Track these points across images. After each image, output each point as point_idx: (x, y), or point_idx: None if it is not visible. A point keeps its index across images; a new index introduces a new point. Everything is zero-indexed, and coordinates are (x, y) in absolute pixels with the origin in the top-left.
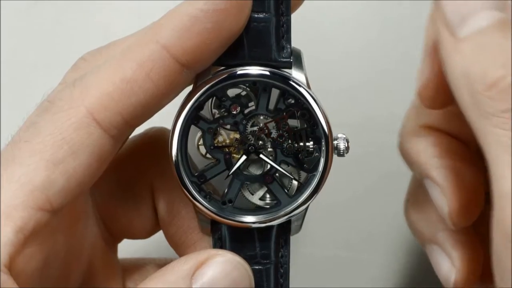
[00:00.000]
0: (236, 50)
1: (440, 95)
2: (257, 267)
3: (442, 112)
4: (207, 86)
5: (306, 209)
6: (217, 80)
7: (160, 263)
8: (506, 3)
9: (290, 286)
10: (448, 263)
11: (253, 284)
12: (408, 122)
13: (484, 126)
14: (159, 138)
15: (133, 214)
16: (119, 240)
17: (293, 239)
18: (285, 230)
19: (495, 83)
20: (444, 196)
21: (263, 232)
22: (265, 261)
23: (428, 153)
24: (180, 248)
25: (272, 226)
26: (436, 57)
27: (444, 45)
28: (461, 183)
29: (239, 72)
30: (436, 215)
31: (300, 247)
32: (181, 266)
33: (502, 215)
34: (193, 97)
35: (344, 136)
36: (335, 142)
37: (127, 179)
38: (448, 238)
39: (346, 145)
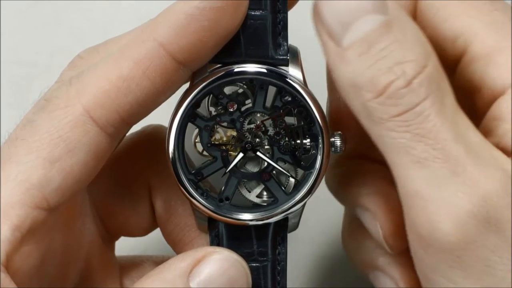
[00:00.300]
0: (233, 47)
1: (348, 123)
2: (254, 265)
3: (355, 139)
4: (204, 84)
5: (303, 206)
6: (214, 77)
7: (157, 261)
8: (387, 4)
9: (288, 284)
10: (394, 286)
11: (250, 282)
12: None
13: (380, 132)
14: (157, 135)
15: (130, 212)
16: (117, 238)
17: (290, 236)
18: (282, 227)
19: (383, 90)
20: (376, 221)
21: (260, 230)
22: (262, 259)
23: (354, 182)
24: (177, 245)
25: (269, 224)
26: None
27: (330, 56)
28: (390, 205)
29: (236, 70)
30: (373, 242)
31: (298, 245)
32: (178, 264)
33: (414, 217)
34: (190, 94)
35: (340, 132)
36: (331, 139)
37: (124, 177)
38: (388, 262)
39: (343, 142)
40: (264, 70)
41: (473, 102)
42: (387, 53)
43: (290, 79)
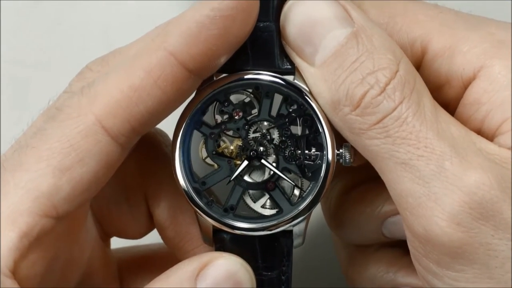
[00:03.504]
0: (241, 58)
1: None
2: (258, 278)
3: (352, 169)
4: (210, 91)
5: (308, 220)
6: (220, 84)
7: (154, 248)
8: (351, 15)
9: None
10: None
11: (255, 285)
12: (328, 199)
13: (363, 142)
14: (153, 140)
15: (127, 217)
16: (112, 236)
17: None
18: (288, 241)
19: (359, 101)
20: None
21: (265, 243)
22: (267, 273)
23: (369, 201)
24: (178, 252)
25: (274, 237)
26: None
27: (307, 77)
28: None
29: (243, 77)
30: (385, 263)
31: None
32: (186, 267)
33: (405, 215)
34: (197, 102)
35: (351, 144)
36: (341, 150)
37: (120, 183)
38: (407, 274)
39: (352, 153)
40: (272, 78)
41: (442, 98)
42: (358, 65)
43: (297, 87)
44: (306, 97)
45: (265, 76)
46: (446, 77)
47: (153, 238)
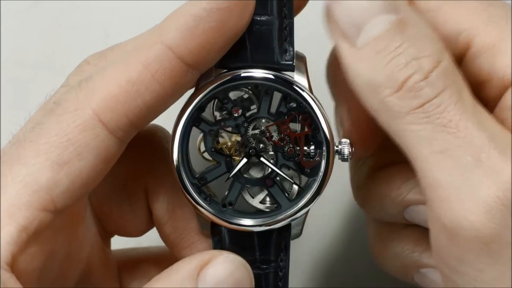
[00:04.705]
0: (239, 52)
1: (368, 133)
2: (256, 272)
3: (381, 149)
4: (209, 88)
5: (307, 213)
6: (219, 81)
7: (154, 251)
8: (398, 3)
9: (289, 286)
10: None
11: (253, 285)
12: (356, 176)
13: (400, 127)
14: (152, 136)
15: (127, 214)
16: (113, 235)
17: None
18: (285, 234)
19: (402, 84)
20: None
21: (263, 236)
22: (265, 266)
23: (395, 186)
24: (176, 248)
25: (272, 230)
26: (351, 97)
27: (345, 57)
28: None
29: (243, 75)
30: (410, 243)
31: (300, 247)
32: (186, 266)
33: (437, 208)
34: (195, 98)
35: (349, 141)
36: (339, 147)
37: (120, 179)
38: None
39: (351, 150)
40: (271, 76)
41: (482, 94)
42: (402, 50)
43: (296, 85)
44: (305, 95)
45: (265, 75)
46: (487, 75)
47: (153, 238)
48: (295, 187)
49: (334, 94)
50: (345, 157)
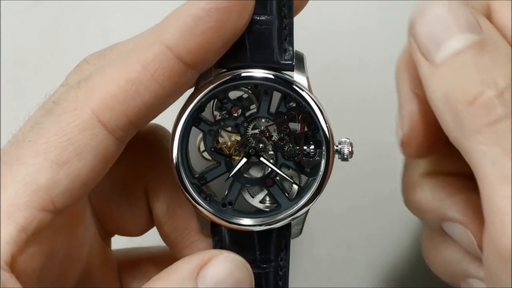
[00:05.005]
0: (239, 52)
1: (426, 140)
2: (256, 271)
3: (436, 156)
4: (209, 88)
5: (307, 213)
6: (219, 81)
7: (154, 251)
8: (480, 23)
9: (290, 286)
10: None
11: (253, 284)
12: (407, 177)
13: (471, 145)
14: (152, 135)
15: (127, 214)
16: (113, 235)
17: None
18: (285, 233)
19: (474, 100)
20: (467, 230)
21: (263, 236)
22: (265, 265)
23: (437, 197)
24: (176, 247)
25: (272, 230)
26: (416, 100)
27: (424, 74)
28: (479, 213)
29: (243, 75)
30: (460, 252)
31: (300, 247)
32: (185, 266)
33: (494, 232)
34: (195, 98)
35: (348, 140)
36: (339, 146)
37: (120, 179)
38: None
39: (350, 149)
40: (271, 76)
41: None
42: (479, 68)
43: (296, 85)
44: (305, 95)
45: (265, 75)
46: None
47: (153, 239)
48: (295, 186)
49: (399, 94)
50: (345, 156)
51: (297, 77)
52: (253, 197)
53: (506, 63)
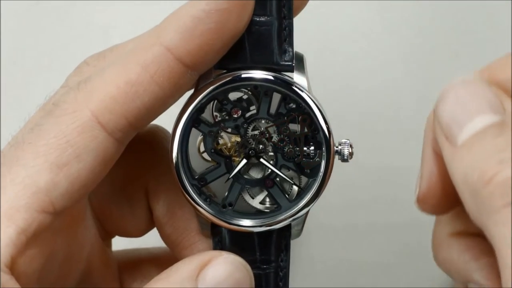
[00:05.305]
0: (238, 53)
1: (442, 200)
2: (256, 272)
3: (464, 216)
4: (209, 89)
5: (307, 213)
6: (219, 83)
7: (155, 252)
8: (504, 104)
9: (290, 287)
10: None
11: (253, 285)
12: (436, 235)
13: (489, 225)
14: (153, 136)
15: (128, 215)
16: (113, 236)
17: (293, 240)
18: (286, 234)
19: (491, 179)
20: None
21: (264, 237)
22: (265, 266)
23: (463, 260)
24: (176, 248)
25: (272, 231)
26: (436, 162)
27: (446, 155)
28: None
29: (243, 76)
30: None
31: (300, 249)
32: (186, 267)
33: None
34: (195, 99)
35: (348, 141)
36: (339, 147)
37: (120, 180)
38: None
39: (350, 151)
40: (271, 77)
41: None
42: (497, 149)
43: (295, 86)
44: (305, 96)
45: (265, 76)
46: None
47: (153, 239)
48: (295, 187)
49: (423, 151)
50: (345, 157)
51: (297, 78)
52: (253, 198)
53: None
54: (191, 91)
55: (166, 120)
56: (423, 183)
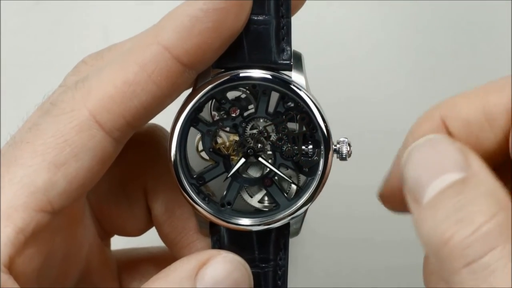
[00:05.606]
0: (236, 52)
1: (401, 204)
2: (255, 271)
3: None
4: (207, 88)
5: (305, 212)
6: (217, 82)
7: (153, 251)
8: (469, 161)
9: (289, 285)
10: None
11: (252, 284)
12: (423, 270)
13: (452, 282)
14: (151, 135)
15: (127, 214)
16: (112, 235)
17: (292, 239)
18: (284, 233)
19: (448, 240)
20: None
21: (262, 235)
22: (264, 265)
23: None
24: (175, 247)
25: (271, 229)
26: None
27: (413, 216)
28: None
29: (241, 75)
30: None
31: (298, 247)
32: (184, 266)
33: None
34: (193, 99)
35: (347, 140)
36: (337, 145)
37: (119, 179)
38: None
39: (349, 149)
40: (269, 76)
41: None
42: (457, 207)
43: (294, 85)
44: (303, 95)
45: (263, 75)
46: None
47: (152, 239)
48: (294, 186)
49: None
50: (343, 156)
51: (295, 76)
52: (251, 197)
53: (487, 197)
54: (189, 90)
55: (164, 119)
56: (384, 184)
